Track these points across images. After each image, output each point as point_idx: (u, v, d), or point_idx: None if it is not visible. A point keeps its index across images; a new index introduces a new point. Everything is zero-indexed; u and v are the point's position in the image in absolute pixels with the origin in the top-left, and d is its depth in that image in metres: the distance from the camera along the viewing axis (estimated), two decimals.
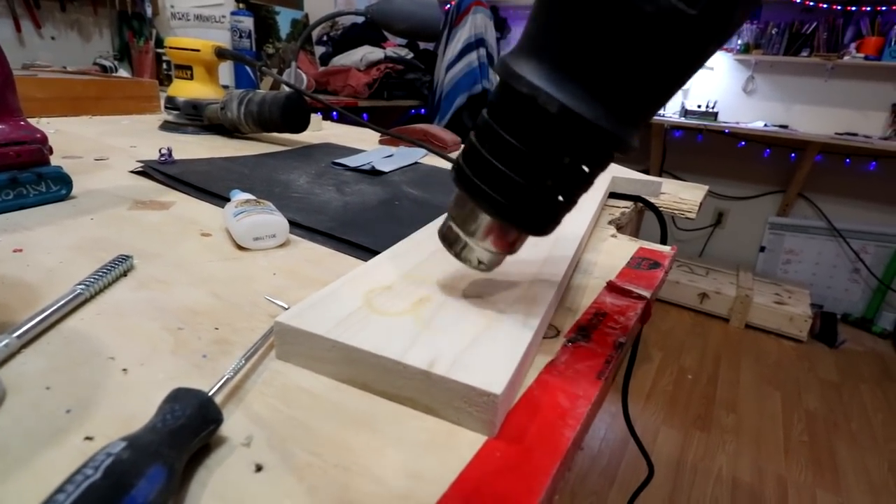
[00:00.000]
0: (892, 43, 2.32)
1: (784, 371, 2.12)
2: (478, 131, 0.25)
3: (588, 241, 0.47)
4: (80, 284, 0.28)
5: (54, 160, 0.59)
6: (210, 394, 0.19)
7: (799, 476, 1.53)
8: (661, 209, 0.64)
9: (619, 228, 0.56)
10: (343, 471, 0.18)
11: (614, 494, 1.42)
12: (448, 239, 0.28)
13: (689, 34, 0.20)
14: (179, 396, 0.18)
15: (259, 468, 0.18)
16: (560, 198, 0.25)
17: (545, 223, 0.26)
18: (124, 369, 0.23)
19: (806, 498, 1.45)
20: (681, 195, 0.73)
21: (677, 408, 1.81)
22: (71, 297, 0.27)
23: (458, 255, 0.28)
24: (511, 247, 0.27)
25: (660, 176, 2.93)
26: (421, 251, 0.34)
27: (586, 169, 0.24)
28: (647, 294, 0.36)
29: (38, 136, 0.45)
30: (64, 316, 0.27)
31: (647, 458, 0.77)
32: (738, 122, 2.68)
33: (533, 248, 0.37)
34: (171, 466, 0.15)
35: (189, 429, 0.17)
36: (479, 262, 0.27)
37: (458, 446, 0.20)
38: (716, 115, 2.72)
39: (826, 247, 2.71)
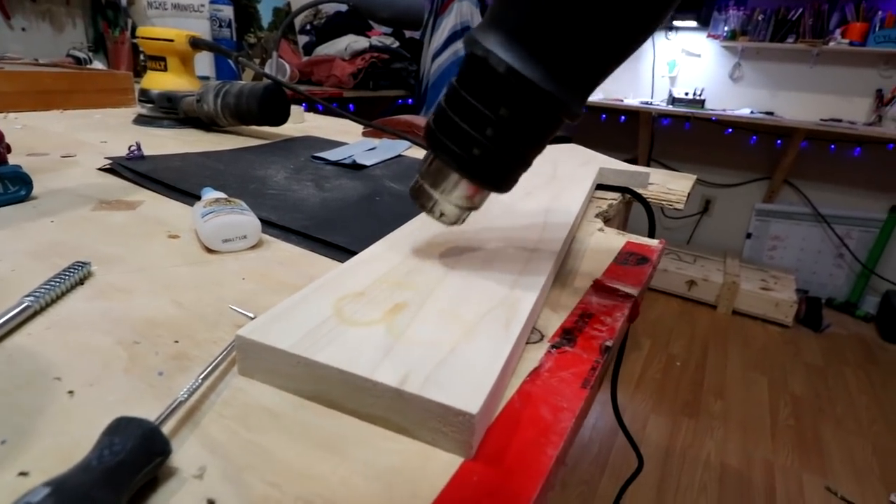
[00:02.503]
0: (877, 28, 2.33)
1: (770, 356, 2.15)
2: (446, 95, 0.28)
3: (575, 236, 0.46)
4: (28, 296, 0.26)
5: (17, 158, 0.56)
6: (157, 422, 0.17)
7: (786, 460, 1.55)
8: (649, 200, 0.63)
9: (607, 221, 0.54)
10: None
11: (605, 482, 1.43)
12: (417, 195, 0.31)
13: (618, 6, 0.23)
14: (121, 427, 0.16)
15: None
16: (514, 156, 0.27)
17: (502, 179, 0.28)
18: (70, 391, 0.21)
19: (793, 481, 1.47)
20: (669, 185, 0.72)
21: (666, 395, 1.82)
22: (18, 310, 0.25)
23: (426, 210, 0.31)
24: (472, 201, 0.30)
25: (647, 164, 2.94)
26: (398, 252, 0.33)
27: (537, 130, 0.27)
28: (634, 293, 0.35)
29: None
30: (10, 331, 0.25)
31: (636, 450, 0.77)
32: (724, 110, 2.68)
33: (518, 243, 0.36)
34: None
35: (129, 465, 0.15)
36: (442, 215, 0.30)
37: (432, 471, 0.18)
38: (703, 102, 2.71)
39: (811, 232, 2.73)
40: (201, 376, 0.21)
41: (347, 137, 0.87)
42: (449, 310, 0.26)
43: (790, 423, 1.73)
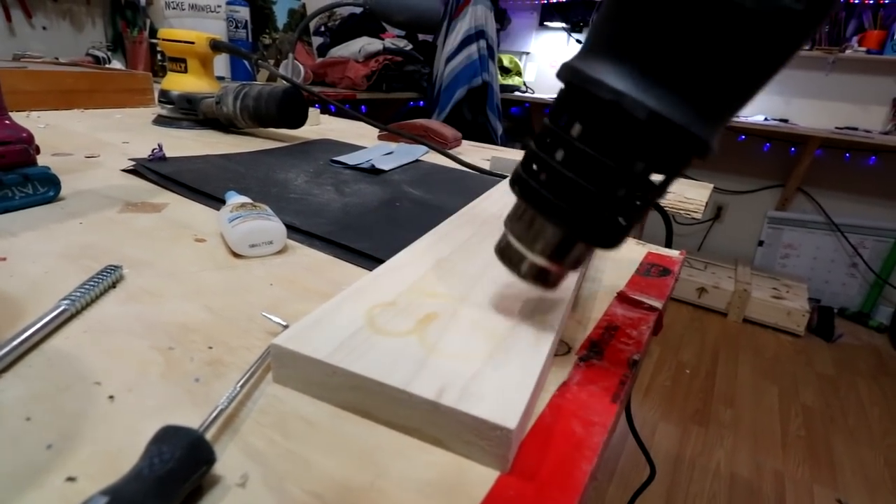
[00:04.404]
0: (895, 36, 2.30)
1: (781, 366, 2.12)
2: (541, 140, 0.24)
3: None
4: (65, 299, 0.27)
5: (43, 158, 0.57)
6: (201, 430, 0.18)
7: (796, 471, 1.53)
8: (666, 210, 0.63)
9: None
10: None
11: (613, 490, 1.42)
12: (507, 256, 0.26)
13: (793, 30, 0.19)
14: (168, 436, 0.17)
15: None
16: (636, 208, 0.23)
17: (617, 236, 0.24)
18: (111, 396, 0.21)
19: (803, 493, 1.45)
20: (686, 194, 0.71)
21: (675, 403, 1.81)
22: (55, 313, 0.26)
23: (519, 274, 0.26)
24: (577, 263, 0.26)
25: None
26: (424, 262, 0.33)
27: (663, 177, 0.23)
28: (658, 305, 0.34)
29: (24, 135, 0.43)
30: (47, 335, 0.25)
31: (649, 459, 0.76)
32: (738, 116, 2.65)
33: None
34: None
35: (178, 473, 0.16)
36: (543, 280, 0.26)
37: (468, 484, 0.19)
38: None
39: (824, 241, 2.71)
40: (239, 384, 0.21)
41: (364, 141, 0.87)
42: (479, 321, 0.26)
43: (801, 433, 1.71)
